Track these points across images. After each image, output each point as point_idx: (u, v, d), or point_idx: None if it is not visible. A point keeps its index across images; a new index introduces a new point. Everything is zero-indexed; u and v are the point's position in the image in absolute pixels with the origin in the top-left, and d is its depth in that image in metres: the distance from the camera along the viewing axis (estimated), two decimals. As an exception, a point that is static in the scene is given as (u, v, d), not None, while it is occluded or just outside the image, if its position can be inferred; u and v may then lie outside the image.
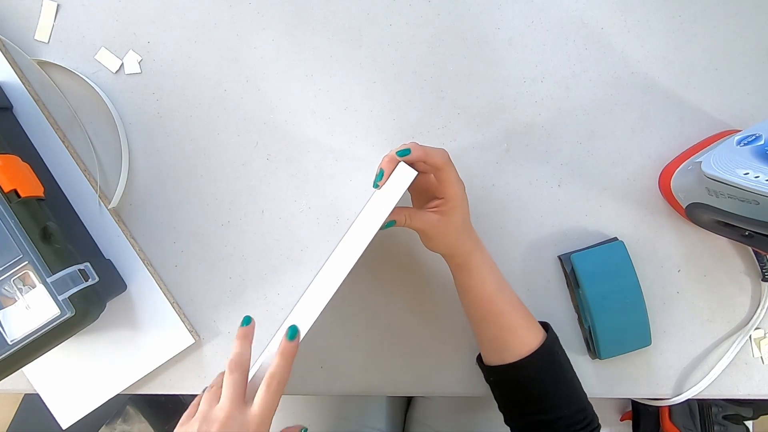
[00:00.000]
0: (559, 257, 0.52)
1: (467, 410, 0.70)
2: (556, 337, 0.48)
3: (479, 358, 0.50)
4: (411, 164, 0.40)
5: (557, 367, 0.46)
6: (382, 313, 0.53)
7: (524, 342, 0.45)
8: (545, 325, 0.49)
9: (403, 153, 0.40)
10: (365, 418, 0.70)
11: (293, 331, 0.39)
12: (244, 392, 0.39)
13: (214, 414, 0.38)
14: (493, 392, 0.49)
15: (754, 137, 0.41)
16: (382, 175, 0.40)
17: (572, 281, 0.51)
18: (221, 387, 0.40)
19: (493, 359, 0.47)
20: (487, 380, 0.49)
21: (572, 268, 0.50)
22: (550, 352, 0.46)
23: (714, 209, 0.44)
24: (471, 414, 0.69)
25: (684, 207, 0.48)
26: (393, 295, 0.53)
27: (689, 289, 0.53)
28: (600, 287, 0.50)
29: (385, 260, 0.53)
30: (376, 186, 0.41)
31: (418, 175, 0.40)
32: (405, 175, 0.40)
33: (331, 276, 0.39)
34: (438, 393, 0.54)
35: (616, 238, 0.52)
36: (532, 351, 0.45)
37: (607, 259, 0.50)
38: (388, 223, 0.42)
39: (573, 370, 0.47)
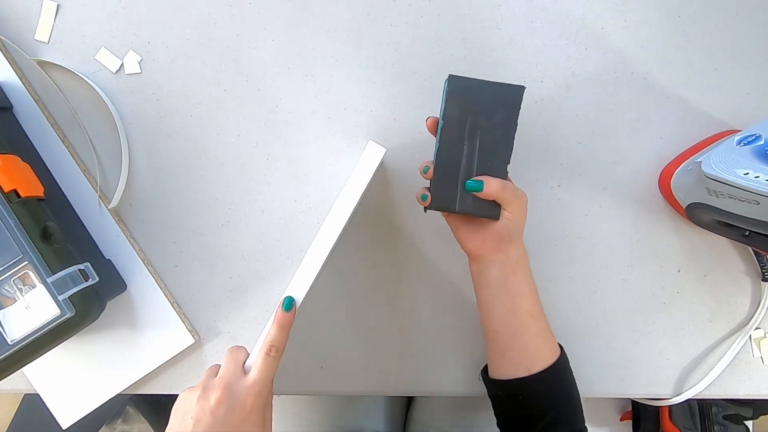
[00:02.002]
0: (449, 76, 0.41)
1: (468, 410, 0.70)
2: (565, 354, 0.47)
3: (485, 372, 0.49)
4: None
5: (567, 385, 0.45)
6: (382, 314, 0.53)
7: (543, 356, 0.44)
8: None
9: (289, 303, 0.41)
10: (364, 420, 0.70)
11: (289, 302, 0.41)
12: (243, 365, 0.41)
13: (214, 382, 0.39)
14: (495, 407, 0.48)
15: (754, 137, 0.41)
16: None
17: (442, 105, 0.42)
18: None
19: (506, 372, 0.45)
20: (493, 395, 0.48)
21: (445, 88, 0.41)
22: (564, 369, 0.45)
23: (714, 209, 0.44)
24: (472, 414, 0.69)
25: (684, 207, 0.48)
26: (393, 295, 0.53)
27: (689, 289, 0.53)
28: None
29: (384, 261, 0.53)
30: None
31: (386, 152, 0.43)
32: (375, 153, 0.42)
33: (319, 250, 0.41)
34: (438, 393, 0.54)
35: (522, 86, 0.41)
36: (548, 366, 0.44)
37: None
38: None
39: (578, 390, 0.46)
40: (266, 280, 0.52)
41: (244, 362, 0.41)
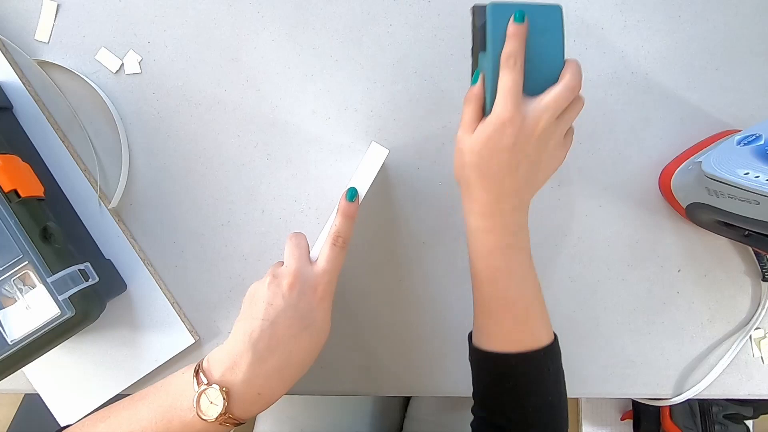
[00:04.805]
0: (473, 7, 0.39)
1: (467, 407, 0.69)
2: (559, 348, 0.43)
3: (470, 336, 0.45)
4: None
5: (553, 377, 0.41)
6: (381, 314, 0.53)
7: (534, 336, 0.40)
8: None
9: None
10: (360, 422, 0.69)
11: (353, 192, 0.41)
12: (308, 254, 0.40)
13: (284, 270, 0.39)
14: (472, 373, 0.44)
15: (754, 137, 0.41)
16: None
17: (479, 41, 0.39)
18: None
19: (491, 345, 0.41)
20: (472, 360, 0.44)
21: (484, 21, 0.38)
22: (554, 356, 0.42)
23: (714, 209, 0.44)
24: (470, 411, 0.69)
25: (684, 207, 0.48)
26: (393, 295, 0.53)
27: (689, 289, 0.53)
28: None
29: (384, 261, 0.53)
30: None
31: (389, 153, 0.43)
32: (378, 154, 0.42)
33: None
34: (438, 393, 0.54)
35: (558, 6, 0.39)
36: (539, 348, 0.40)
37: (533, 22, 0.38)
38: None
39: (566, 395, 0.42)
40: (266, 280, 0.52)
41: (308, 251, 0.40)
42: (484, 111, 0.39)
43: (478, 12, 0.38)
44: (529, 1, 0.38)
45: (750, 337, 0.52)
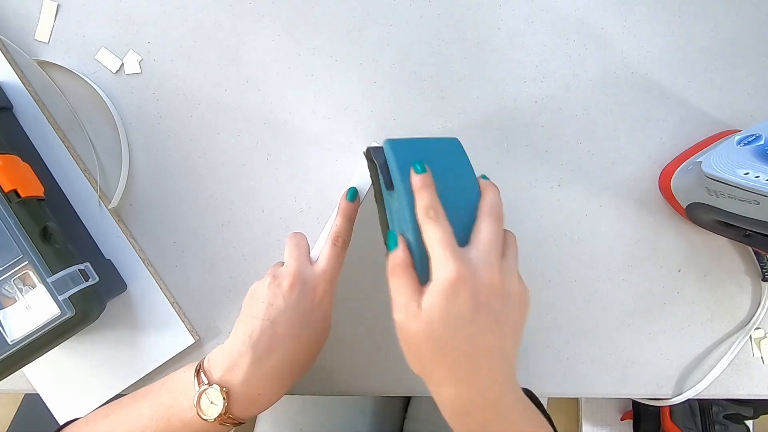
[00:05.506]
0: (367, 149, 0.37)
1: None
2: None
3: None
4: None
5: None
6: (382, 314, 0.53)
7: None
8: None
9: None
10: (360, 423, 0.69)
11: (353, 192, 0.41)
12: (308, 254, 0.40)
13: (284, 270, 0.39)
14: None
15: (754, 137, 0.41)
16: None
17: (382, 180, 0.35)
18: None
19: None
20: None
21: (384, 159, 0.35)
22: None
23: (714, 209, 0.44)
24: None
25: (684, 207, 0.48)
26: (393, 295, 0.53)
27: (689, 289, 0.53)
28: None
29: (384, 260, 0.53)
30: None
31: None
32: None
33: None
34: (438, 393, 0.54)
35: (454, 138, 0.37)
36: None
37: (437, 155, 0.35)
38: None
39: None
40: (266, 280, 0.52)
41: (308, 251, 0.40)
42: (420, 280, 0.33)
43: (375, 151, 0.36)
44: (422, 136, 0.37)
45: (750, 337, 0.52)
